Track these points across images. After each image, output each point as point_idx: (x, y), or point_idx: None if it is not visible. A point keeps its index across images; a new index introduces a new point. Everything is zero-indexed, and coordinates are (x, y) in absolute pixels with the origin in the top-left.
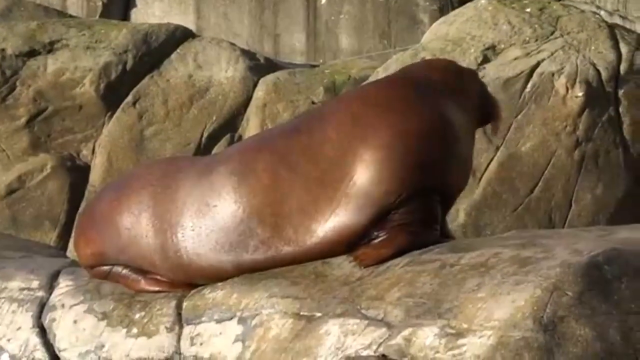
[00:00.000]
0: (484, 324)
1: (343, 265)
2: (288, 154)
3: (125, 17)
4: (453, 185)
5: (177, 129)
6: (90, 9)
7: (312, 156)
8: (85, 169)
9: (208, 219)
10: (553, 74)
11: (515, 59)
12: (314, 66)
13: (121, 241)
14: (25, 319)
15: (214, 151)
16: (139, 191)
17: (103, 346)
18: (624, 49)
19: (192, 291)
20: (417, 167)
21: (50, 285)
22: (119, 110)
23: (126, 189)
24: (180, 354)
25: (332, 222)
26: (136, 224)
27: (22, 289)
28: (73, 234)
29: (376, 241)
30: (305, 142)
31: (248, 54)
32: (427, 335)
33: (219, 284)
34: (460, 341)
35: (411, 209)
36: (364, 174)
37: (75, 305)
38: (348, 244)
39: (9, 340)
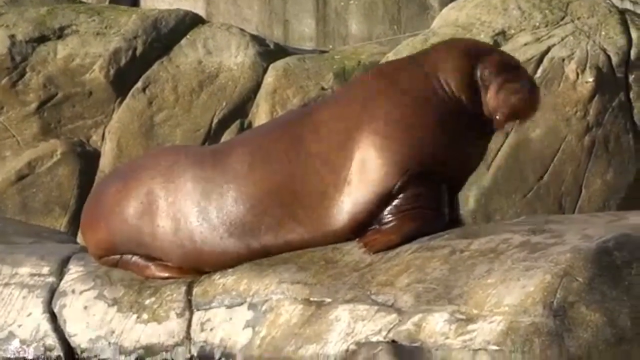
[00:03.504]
0: (494, 309)
1: (353, 252)
2: (301, 133)
3: (134, 3)
4: (455, 170)
5: (187, 115)
6: None
7: (320, 135)
8: (96, 155)
9: (223, 202)
10: (563, 60)
11: (526, 44)
12: (323, 52)
13: (130, 231)
14: (36, 305)
15: (224, 137)
16: (148, 182)
17: (113, 332)
18: (634, 34)
19: (202, 277)
20: (415, 152)
21: (61, 271)
22: (129, 96)
23: (133, 180)
24: (190, 339)
25: (338, 204)
26: (146, 215)
27: (33, 275)
28: (80, 224)
29: (385, 227)
30: (315, 121)
31: (258, 40)
32: (437, 321)
33: (229, 269)
34: (471, 327)
35: (416, 195)
36: (367, 157)
37: (85, 291)
38: (352, 227)
39: (19, 326)
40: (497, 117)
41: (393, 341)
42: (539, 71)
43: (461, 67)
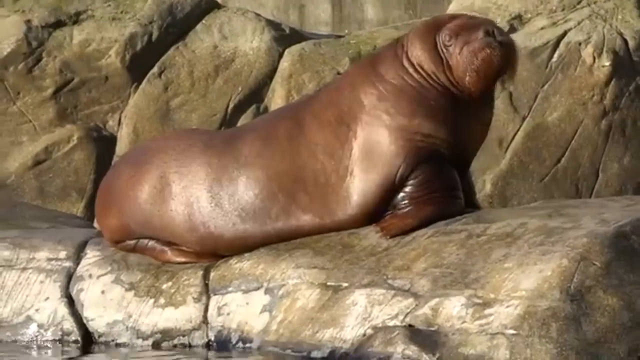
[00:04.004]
0: (510, 293)
1: (369, 236)
2: (303, 119)
3: None
4: (456, 148)
5: (203, 100)
6: None
7: (319, 121)
8: (112, 140)
9: (234, 187)
10: (580, 44)
11: (542, 28)
12: (339, 37)
13: (143, 215)
14: (53, 289)
15: (240, 122)
16: (161, 165)
17: (131, 316)
18: None
19: (219, 261)
20: (408, 139)
21: (78, 255)
22: (145, 81)
23: (146, 164)
24: (207, 324)
25: (342, 193)
26: (159, 198)
27: (50, 260)
28: (95, 210)
29: (401, 212)
30: (315, 107)
31: (273, 25)
32: (454, 305)
33: (246, 254)
34: (487, 311)
35: (426, 180)
36: (364, 148)
37: (102, 275)
38: (358, 217)
39: (37, 310)
40: (467, 80)
41: (410, 325)
42: (556, 55)
43: (425, 44)
